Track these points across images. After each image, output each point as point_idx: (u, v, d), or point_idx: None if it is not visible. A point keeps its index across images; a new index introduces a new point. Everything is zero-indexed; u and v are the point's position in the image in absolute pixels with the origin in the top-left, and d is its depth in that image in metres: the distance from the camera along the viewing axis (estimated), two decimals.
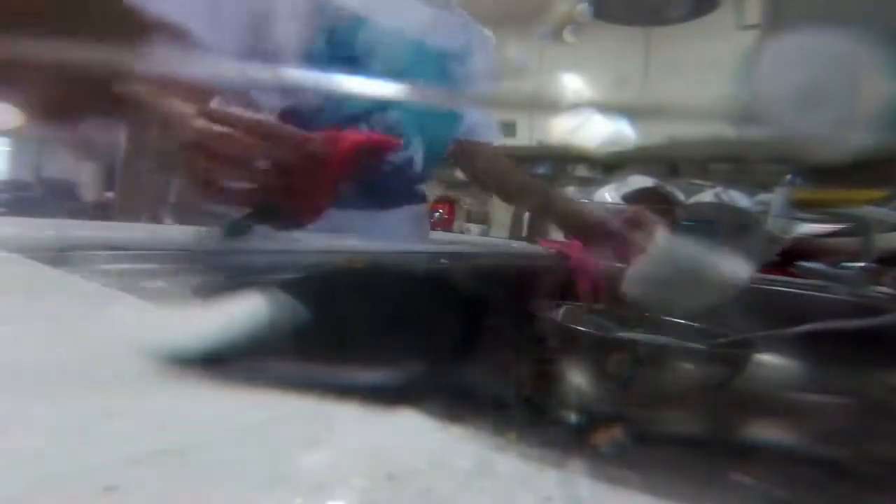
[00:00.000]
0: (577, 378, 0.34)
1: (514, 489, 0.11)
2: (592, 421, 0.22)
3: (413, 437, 0.13)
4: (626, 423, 0.23)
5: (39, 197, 3.12)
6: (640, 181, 1.02)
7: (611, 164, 1.88)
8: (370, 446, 0.12)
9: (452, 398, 0.14)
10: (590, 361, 0.36)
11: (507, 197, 1.02)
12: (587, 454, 0.18)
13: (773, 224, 0.94)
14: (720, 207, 0.97)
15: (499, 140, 0.94)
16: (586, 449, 0.19)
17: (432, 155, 0.79)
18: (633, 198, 1.02)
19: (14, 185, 3.49)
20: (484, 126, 0.90)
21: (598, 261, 0.84)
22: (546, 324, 0.43)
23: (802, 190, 0.94)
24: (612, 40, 1.63)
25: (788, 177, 1.03)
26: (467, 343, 0.33)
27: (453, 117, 0.82)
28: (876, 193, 0.64)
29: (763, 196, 1.02)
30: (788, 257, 0.82)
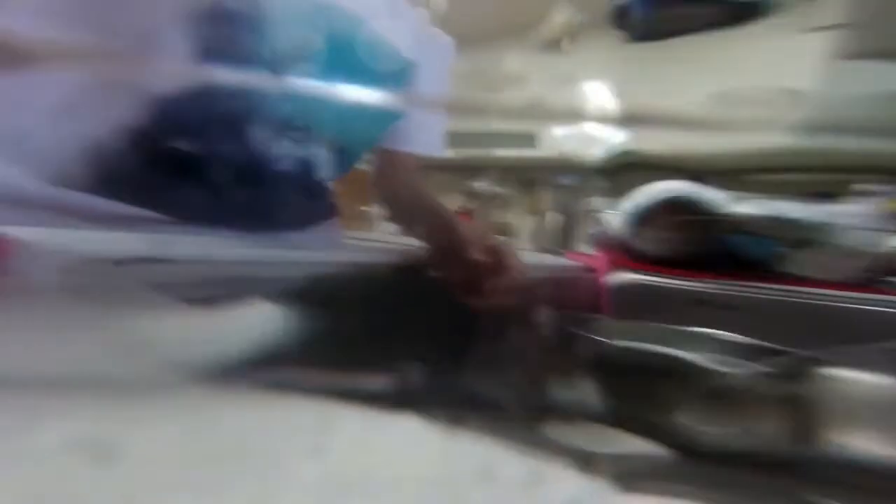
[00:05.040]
0: (600, 389, 0.33)
1: (515, 492, 0.11)
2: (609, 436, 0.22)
3: (415, 441, 0.13)
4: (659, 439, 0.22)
5: None
6: (663, 190, 0.97)
7: (628, 175, 1.85)
8: (373, 451, 0.12)
9: (455, 404, 0.14)
10: (624, 377, 0.35)
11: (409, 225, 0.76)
12: (595, 462, 0.17)
13: (858, 238, 0.89)
14: (775, 220, 0.91)
15: (441, 154, 0.67)
16: (599, 462, 0.18)
17: (346, 160, 0.59)
18: (655, 210, 0.97)
19: None
20: (424, 135, 0.65)
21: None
22: (581, 339, 0.42)
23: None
24: (619, 50, 1.62)
25: (876, 187, 0.97)
26: (471, 349, 0.33)
27: (385, 116, 0.60)
28: None
29: (842, 207, 0.97)
30: (880, 273, 0.76)
